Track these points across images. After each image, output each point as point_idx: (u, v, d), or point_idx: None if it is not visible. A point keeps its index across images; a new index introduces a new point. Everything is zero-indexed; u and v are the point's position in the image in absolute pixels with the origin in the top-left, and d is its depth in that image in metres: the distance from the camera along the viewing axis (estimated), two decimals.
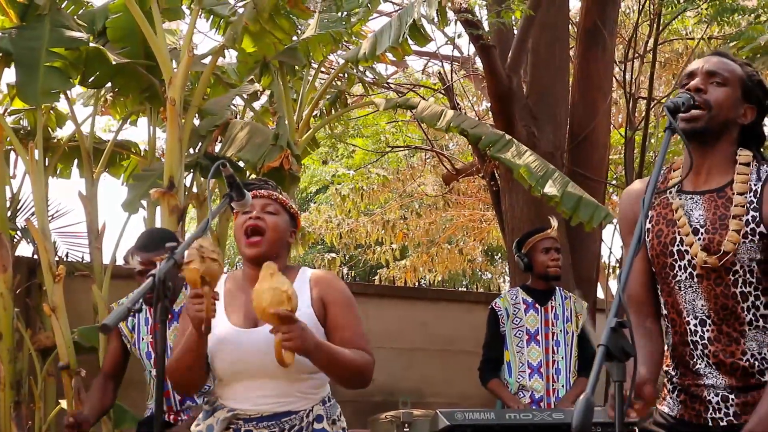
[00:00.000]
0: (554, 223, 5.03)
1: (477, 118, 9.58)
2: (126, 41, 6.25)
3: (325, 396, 2.91)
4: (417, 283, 13.93)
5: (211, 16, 6.79)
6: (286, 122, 6.31)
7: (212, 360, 2.83)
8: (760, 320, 2.38)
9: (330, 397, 2.93)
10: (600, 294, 9.49)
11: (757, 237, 2.36)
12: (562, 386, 4.86)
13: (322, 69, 7.94)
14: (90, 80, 6.21)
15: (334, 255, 14.05)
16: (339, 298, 2.92)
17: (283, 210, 2.96)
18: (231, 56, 7.58)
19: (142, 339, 4.08)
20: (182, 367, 2.79)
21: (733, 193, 2.40)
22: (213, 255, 2.59)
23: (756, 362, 2.37)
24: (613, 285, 10.64)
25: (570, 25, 8.93)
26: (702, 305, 2.41)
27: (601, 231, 7.79)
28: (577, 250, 7.54)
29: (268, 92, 7.26)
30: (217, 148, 6.28)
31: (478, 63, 8.96)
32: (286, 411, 2.80)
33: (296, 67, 6.78)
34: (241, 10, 6.29)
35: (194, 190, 6.60)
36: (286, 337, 2.56)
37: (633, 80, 9.57)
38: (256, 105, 7.42)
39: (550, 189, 5.66)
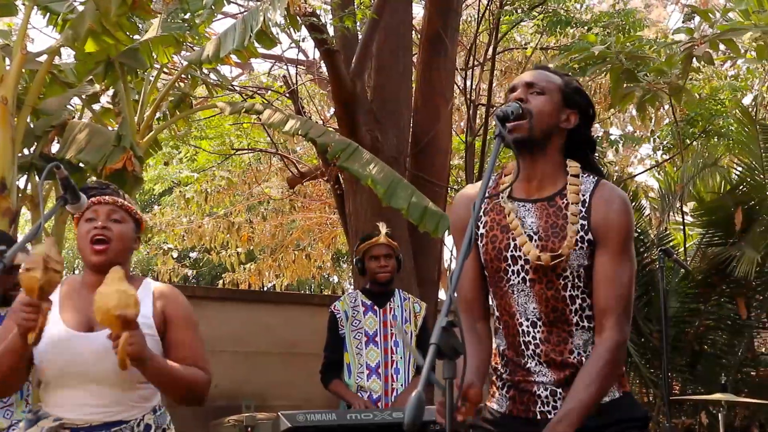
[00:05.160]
0: (383, 229, 5.13)
1: (322, 122, 9.63)
2: None
3: (155, 404, 2.86)
4: (262, 287, 13.86)
5: (48, 13, 6.56)
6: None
7: (41, 362, 2.72)
8: (585, 321, 2.52)
9: (160, 406, 2.89)
10: (441, 295, 9.70)
11: (586, 244, 2.49)
12: (402, 385, 4.95)
13: (165, 70, 7.81)
14: None
15: (174, 253, 13.72)
16: (182, 314, 2.89)
17: (129, 216, 2.90)
18: (69, 55, 7.35)
19: None
20: (3, 367, 2.68)
21: (564, 203, 2.53)
22: (57, 267, 2.52)
23: (582, 358, 2.50)
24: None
25: (413, 32, 9.11)
26: (534, 308, 2.53)
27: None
28: (419, 254, 7.70)
29: (108, 93, 7.09)
30: (55, 149, 6.10)
31: (324, 67, 9.01)
32: (117, 420, 2.74)
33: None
34: (80, 8, 6.11)
35: (29, 191, 6.38)
36: (129, 341, 2.52)
37: (473, 87, 9.85)
38: (95, 106, 7.22)
39: (398, 200, 5.81)
